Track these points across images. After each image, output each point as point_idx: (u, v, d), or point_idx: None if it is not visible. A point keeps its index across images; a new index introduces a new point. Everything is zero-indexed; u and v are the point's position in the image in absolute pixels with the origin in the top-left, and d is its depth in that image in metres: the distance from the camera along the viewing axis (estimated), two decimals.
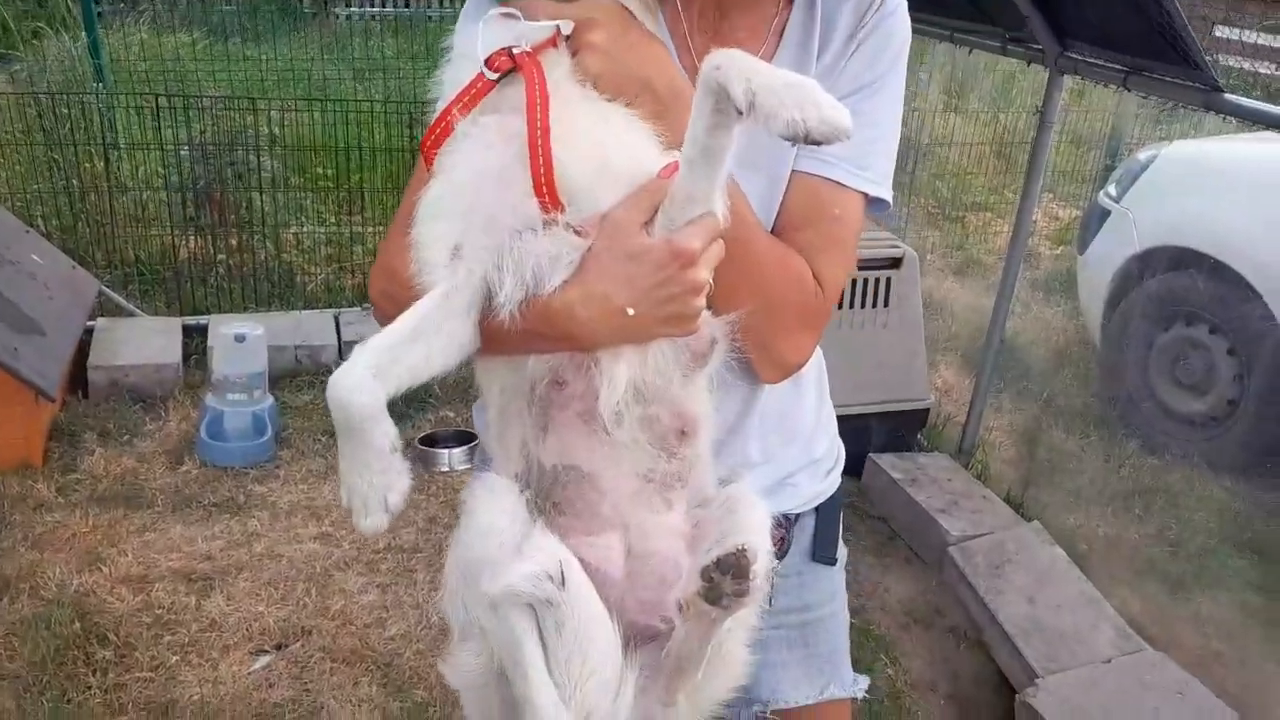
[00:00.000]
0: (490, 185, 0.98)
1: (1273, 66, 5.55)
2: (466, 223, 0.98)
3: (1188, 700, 2.33)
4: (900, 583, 2.86)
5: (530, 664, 0.99)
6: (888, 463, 3.21)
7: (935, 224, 5.89)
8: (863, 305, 3.20)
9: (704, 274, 0.98)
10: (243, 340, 3.32)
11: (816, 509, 1.34)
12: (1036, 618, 2.59)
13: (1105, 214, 3.97)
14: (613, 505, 1.06)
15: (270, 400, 3.38)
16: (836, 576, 1.38)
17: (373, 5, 13.00)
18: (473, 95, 0.98)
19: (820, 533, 1.35)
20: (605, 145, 0.99)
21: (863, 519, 3.12)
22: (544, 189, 0.96)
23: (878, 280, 3.20)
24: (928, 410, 3.38)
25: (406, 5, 13.10)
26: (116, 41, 7.62)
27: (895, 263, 3.22)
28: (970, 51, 3.26)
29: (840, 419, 3.31)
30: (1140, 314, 3.72)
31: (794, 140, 0.88)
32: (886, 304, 3.23)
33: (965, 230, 5.87)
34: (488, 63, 0.98)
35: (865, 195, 1.15)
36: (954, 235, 5.80)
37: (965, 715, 2.49)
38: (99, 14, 10.21)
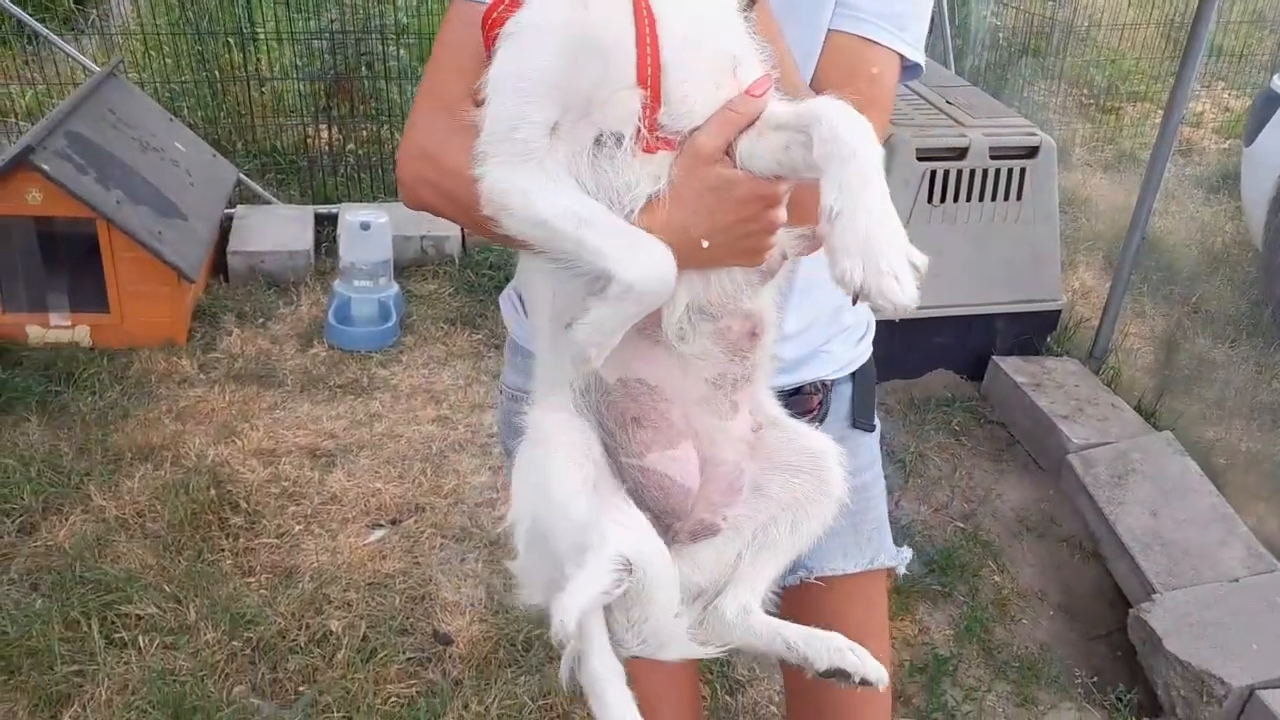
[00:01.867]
0: (594, 64, 0.89)
1: None
2: (564, 104, 0.89)
3: None
4: (1015, 490, 2.77)
5: (593, 639, 0.99)
6: (1011, 366, 3.07)
7: (1087, 115, 5.47)
8: (993, 198, 3.03)
9: (784, 213, 0.93)
10: (368, 228, 3.42)
11: (852, 376, 1.33)
12: (1159, 531, 2.47)
13: (1278, 100, 3.59)
14: (683, 414, 1.04)
15: (395, 288, 3.48)
16: (874, 444, 1.40)
17: None
18: None
19: (857, 400, 1.35)
20: (704, 38, 0.91)
21: (980, 423, 3.02)
22: (649, 80, 0.89)
23: (1010, 171, 3.01)
24: (1059, 313, 3.20)
25: None
26: None
27: (1031, 152, 3.02)
28: None
29: (962, 318, 3.20)
30: None
31: None
32: (1020, 197, 3.04)
33: (1120, 122, 5.44)
34: None
35: (901, 57, 1.08)
36: (1107, 128, 5.39)
37: (1075, 626, 2.42)
38: None
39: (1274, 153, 3.52)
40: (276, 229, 3.78)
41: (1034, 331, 3.19)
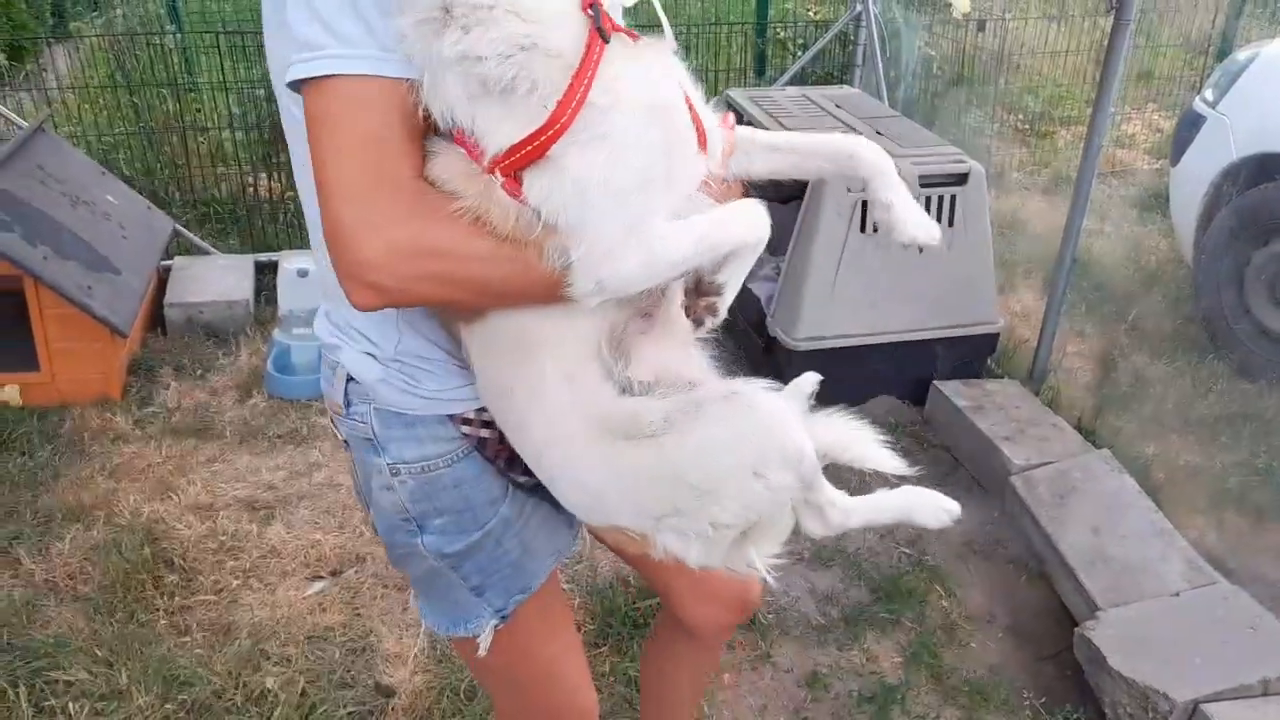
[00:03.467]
0: (683, 148, 1.01)
1: None
2: (673, 189, 1.01)
3: (1260, 635, 2.21)
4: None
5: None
6: (952, 390, 3.10)
7: (1022, 140, 5.59)
8: None
9: None
10: (305, 275, 3.39)
11: None
12: (1101, 548, 2.49)
13: (1200, 120, 3.69)
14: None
15: None
16: None
17: None
18: (595, 62, 0.93)
19: None
20: (694, 98, 1.05)
21: (924, 448, 3.04)
22: (703, 145, 1.04)
23: (941, 198, 3.06)
24: (997, 335, 3.24)
25: None
26: None
27: (961, 179, 3.07)
28: None
29: (903, 345, 3.23)
30: (1235, 228, 3.47)
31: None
32: (951, 224, 3.09)
33: (1055, 146, 5.56)
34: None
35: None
36: (1041, 152, 5.50)
37: (1023, 647, 2.42)
38: None
39: (1199, 172, 3.61)
40: (215, 279, 3.74)
41: (974, 355, 3.23)
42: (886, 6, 4.63)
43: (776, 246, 3.91)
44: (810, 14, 5.35)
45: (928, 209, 3.04)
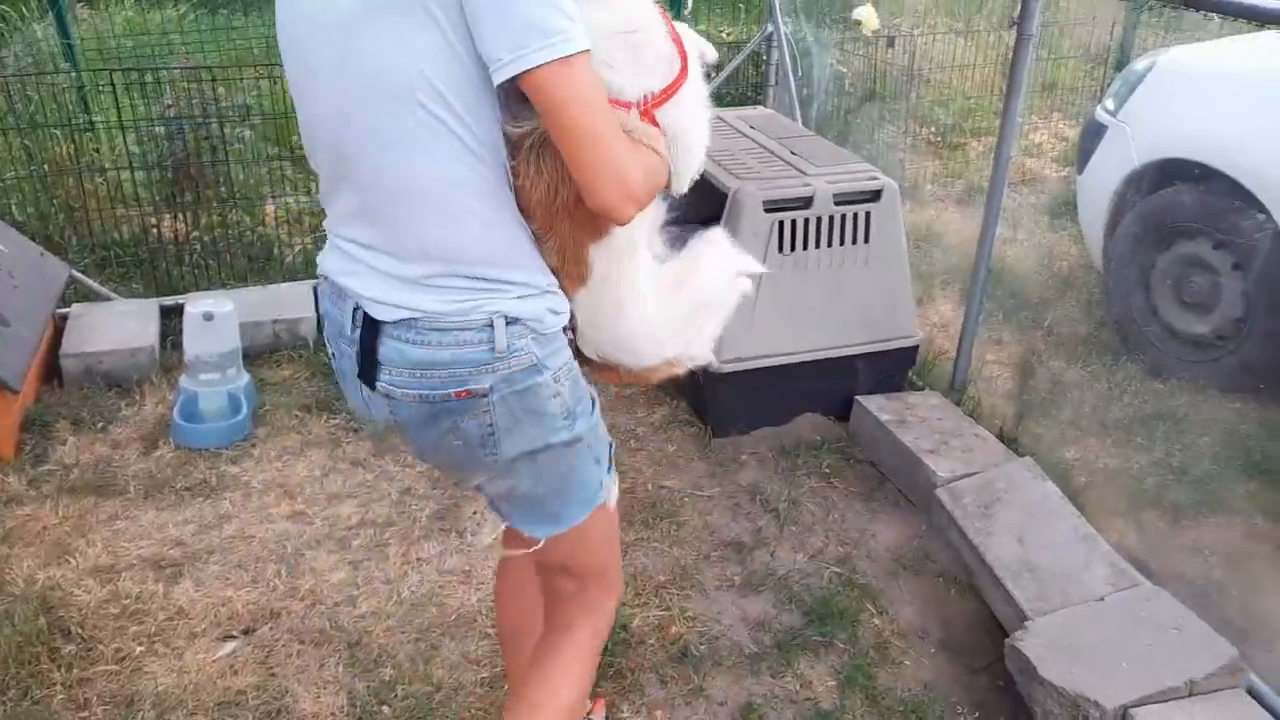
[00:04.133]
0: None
1: None
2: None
3: (1184, 635, 2.23)
4: (888, 528, 2.77)
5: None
6: (875, 405, 3.10)
7: (935, 152, 5.68)
8: (841, 242, 3.07)
9: None
10: (211, 319, 3.26)
11: None
12: (1027, 558, 2.50)
13: (1103, 129, 3.78)
14: None
15: (246, 378, 3.33)
16: None
17: None
18: (677, 35, 1.44)
19: None
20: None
21: (850, 464, 3.03)
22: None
23: (856, 215, 3.06)
24: (916, 348, 3.25)
25: None
26: (101, 21, 7.55)
27: (875, 195, 3.08)
28: None
29: (824, 362, 3.23)
30: (1140, 233, 3.55)
31: None
32: (867, 240, 3.09)
33: (966, 158, 5.67)
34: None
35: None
36: (954, 163, 5.60)
37: (957, 661, 2.41)
38: None
39: (1104, 179, 3.69)
40: (116, 326, 3.58)
41: (895, 369, 3.24)
42: (797, 25, 4.67)
43: None
44: (723, 35, 5.38)
45: (842, 227, 3.06)
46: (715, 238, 1.67)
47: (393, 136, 1.28)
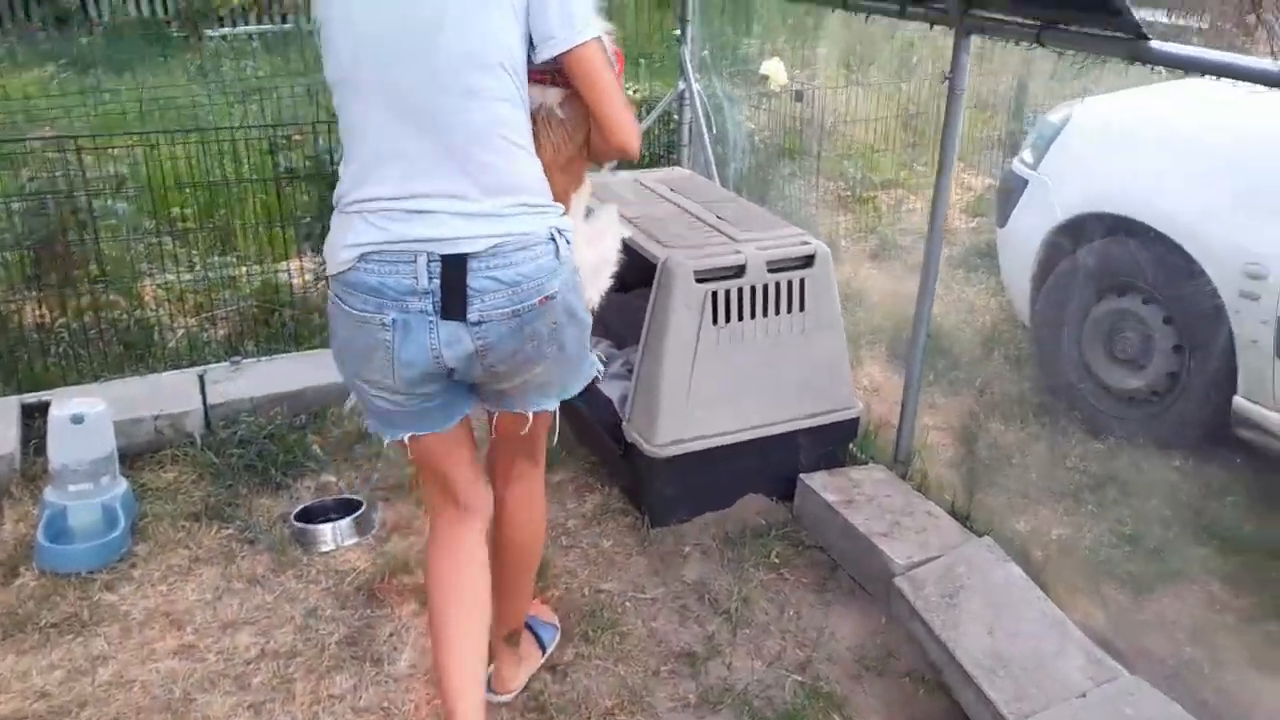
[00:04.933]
0: None
1: (1174, 15, 5.43)
2: None
3: None
4: (846, 623, 2.57)
5: None
6: (819, 483, 2.92)
7: (846, 207, 5.64)
8: (776, 311, 2.90)
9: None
10: (81, 421, 2.89)
11: None
12: (998, 651, 2.32)
13: (1022, 183, 3.74)
14: None
15: (123, 485, 2.95)
16: None
17: (246, 24, 12.37)
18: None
19: None
20: None
21: (799, 551, 2.83)
22: None
23: (790, 283, 2.90)
24: (858, 420, 3.09)
25: (284, 20, 12.48)
26: None
27: (807, 260, 2.93)
28: (867, 18, 2.97)
29: (765, 440, 3.03)
30: (1069, 288, 3.49)
31: None
32: (803, 308, 2.93)
33: (878, 211, 5.64)
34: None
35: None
36: (867, 217, 5.56)
37: None
38: None
39: (1027, 233, 3.64)
40: None
41: (836, 442, 3.07)
42: (707, 82, 4.56)
43: (622, 339, 3.68)
44: (630, 94, 5.24)
45: (776, 295, 2.89)
46: (613, 212, 2.10)
47: (481, 99, 1.67)
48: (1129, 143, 3.38)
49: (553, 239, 1.74)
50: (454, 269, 1.67)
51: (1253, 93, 1.93)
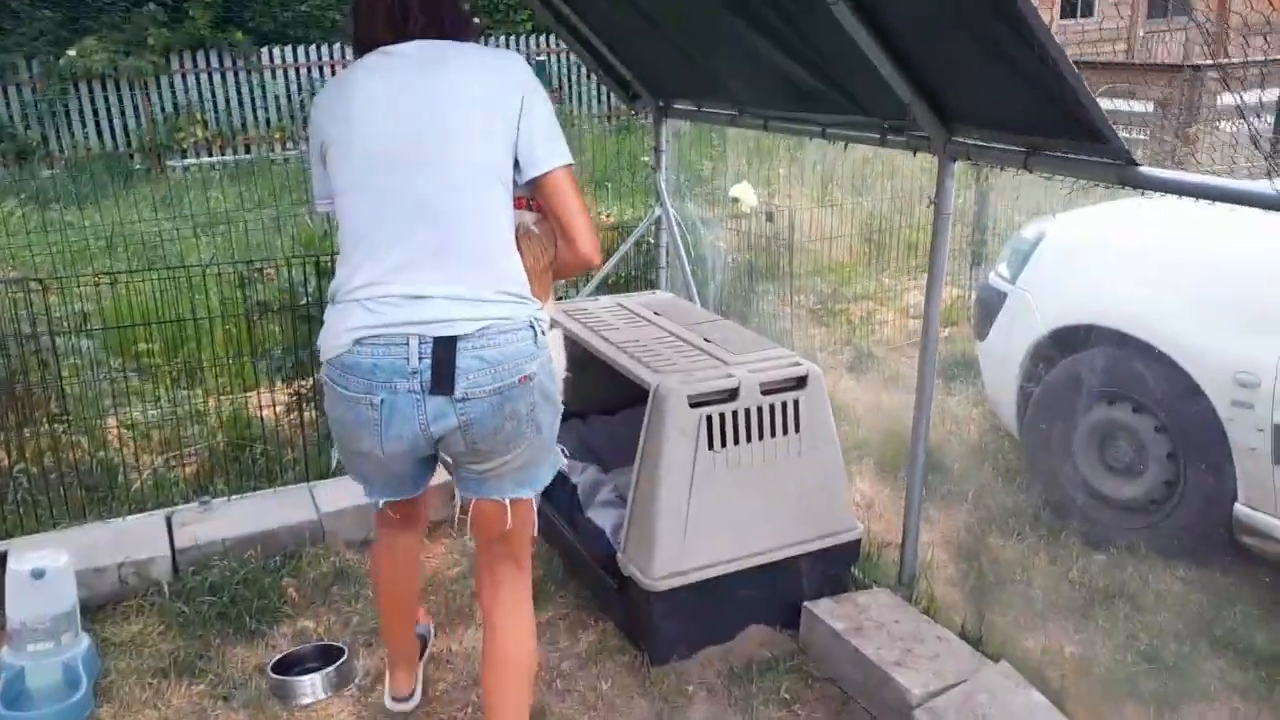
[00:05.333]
0: None
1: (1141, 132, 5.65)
2: None
3: None
4: None
5: None
6: (826, 610, 2.81)
7: (820, 321, 5.67)
8: (771, 434, 2.84)
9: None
10: (42, 576, 2.71)
11: None
12: None
13: (1000, 296, 3.77)
14: None
15: (85, 641, 2.76)
16: None
17: (210, 155, 12.50)
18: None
19: None
20: None
21: (809, 684, 2.70)
22: None
23: (785, 405, 2.85)
24: (859, 541, 3.01)
25: (248, 151, 12.65)
26: None
27: (800, 382, 2.89)
28: (846, 147, 3.02)
29: (767, 567, 2.92)
30: (1056, 400, 3.49)
31: None
32: (798, 429, 2.88)
33: (851, 324, 5.68)
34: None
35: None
36: (840, 330, 5.59)
37: None
38: None
39: (1009, 346, 3.65)
40: None
41: (838, 565, 2.97)
42: (680, 205, 4.61)
43: (609, 462, 3.59)
44: (605, 219, 5.29)
45: (771, 418, 2.83)
46: (559, 335, 2.57)
47: (482, 203, 1.96)
48: (1109, 256, 3.43)
49: (532, 326, 1.97)
50: (444, 349, 1.87)
51: (1230, 210, 1.94)
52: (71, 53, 12.10)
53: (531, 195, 2.06)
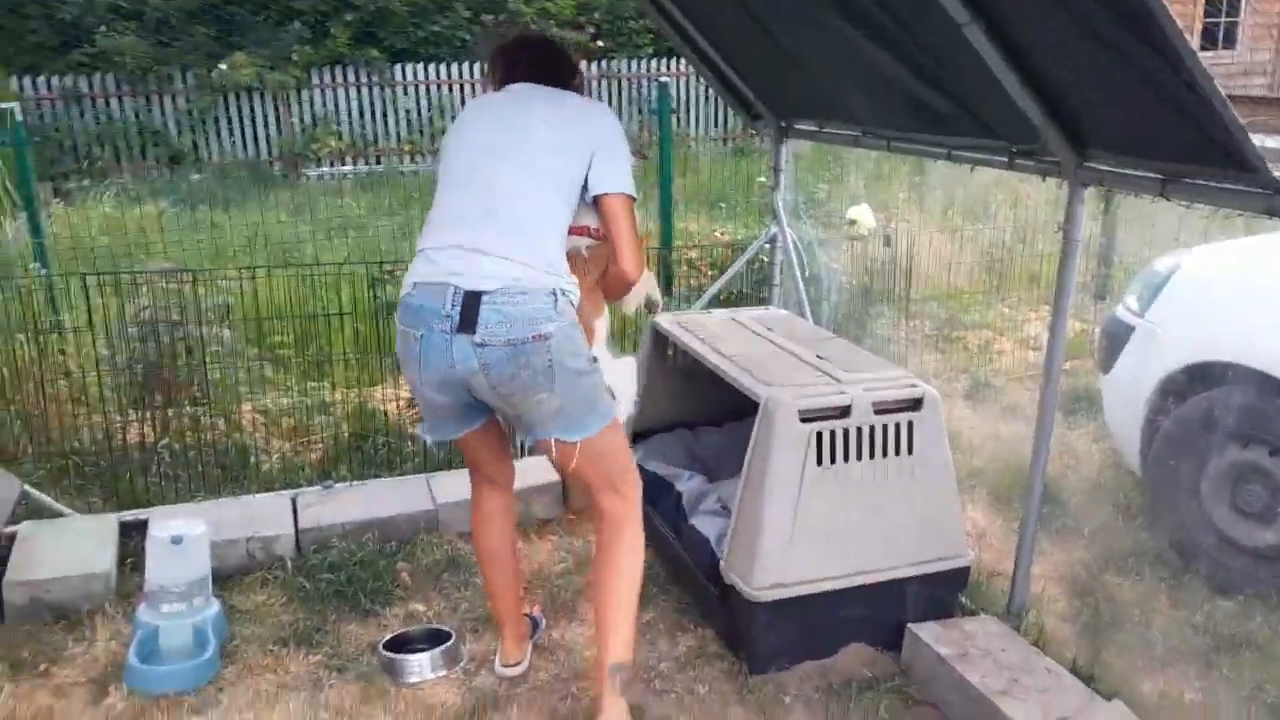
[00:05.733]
0: None
1: None
2: None
3: None
4: None
5: None
6: (931, 635, 2.77)
7: (936, 347, 5.58)
8: (884, 454, 2.82)
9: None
10: (180, 542, 2.89)
11: None
12: None
13: (1128, 330, 3.65)
14: None
15: (215, 606, 2.93)
16: None
17: (343, 164, 13.08)
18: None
19: None
20: None
21: (908, 705, 2.66)
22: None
23: (898, 425, 2.83)
24: (968, 569, 2.95)
25: (378, 162, 13.19)
26: (78, 217, 7.45)
27: (915, 404, 2.86)
28: (973, 170, 2.99)
29: (872, 587, 2.90)
30: (1185, 439, 3.35)
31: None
32: (910, 451, 2.85)
33: (968, 351, 5.57)
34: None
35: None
36: (956, 357, 5.49)
37: None
38: (66, 191, 10.12)
39: (1136, 381, 3.53)
40: (69, 549, 3.19)
41: (946, 590, 2.92)
42: (796, 226, 4.62)
43: (715, 472, 3.62)
44: (719, 235, 5.34)
45: (884, 438, 2.82)
46: (631, 363, 2.84)
47: (543, 199, 2.34)
48: (1247, 291, 3.29)
49: (553, 294, 2.26)
50: (471, 300, 2.22)
51: None
52: (223, 66, 12.85)
53: (593, 225, 2.48)
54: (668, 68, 14.38)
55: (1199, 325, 3.37)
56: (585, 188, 2.37)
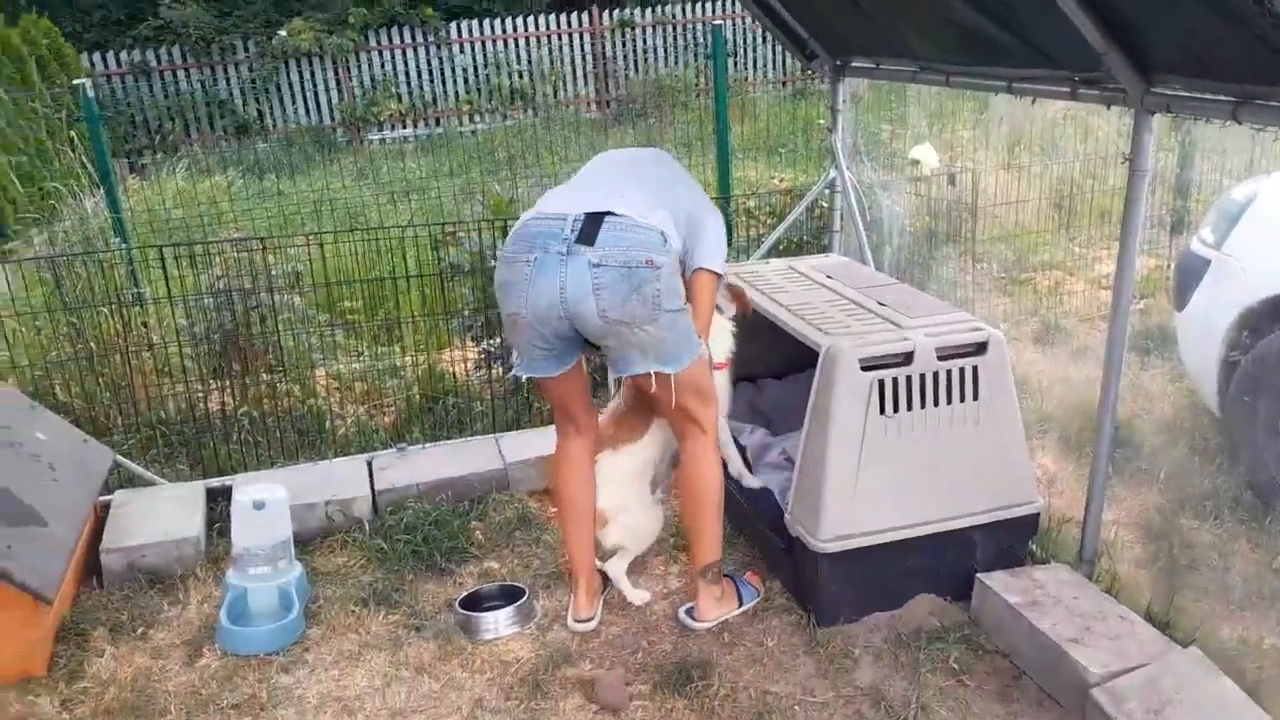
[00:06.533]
0: None
1: None
2: None
3: None
4: None
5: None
6: (999, 583, 2.76)
7: (1003, 290, 5.46)
8: (948, 400, 2.79)
9: None
10: (262, 507, 3.01)
11: None
12: None
13: (1204, 263, 3.53)
14: None
15: (298, 569, 3.05)
16: None
17: (404, 127, 13.19)
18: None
19: None
20: None
21: (979, 655, 2.66)
22: None
23: (962, 371, 2.79)
24: (1038, 515, 2.92)
25: (438, 124, 13.26)
26: (152, 191, 7.67)
27: (980, 348, 2.82)
28: (1034, 101, 2.90)
29: (938, 536, 2.89)
30: (1266, 376, 3.24)
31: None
32: (976, 397, 2.81)
33: (1037, 293, 5.43)
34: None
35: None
36: (1025, 300, 5.36)
37: None
38: (141, 166, 10.41)
39: (1212, 317, 3.42)
40: (160, 515, 3.35)
41: (1014, 538, 2.90)
42: (857, 170, 4.53)
43: (778, 425, 3.62)
44: (777, 182, 5.26)
45: (947, 384, 2.79)
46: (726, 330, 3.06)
47: (667, 191, 2.69)
48: None
49: (662, 234, 2.49)
50: (591, 222, 2.45)
51: None
52: (282, 33, 12.99)
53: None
54: (722, 11, 14.11)
55: (1279, 256, 3.24)
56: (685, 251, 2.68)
